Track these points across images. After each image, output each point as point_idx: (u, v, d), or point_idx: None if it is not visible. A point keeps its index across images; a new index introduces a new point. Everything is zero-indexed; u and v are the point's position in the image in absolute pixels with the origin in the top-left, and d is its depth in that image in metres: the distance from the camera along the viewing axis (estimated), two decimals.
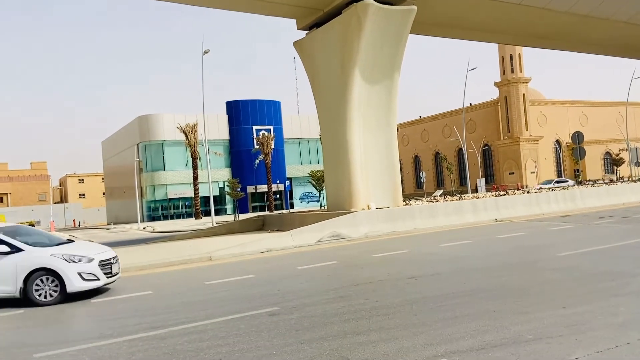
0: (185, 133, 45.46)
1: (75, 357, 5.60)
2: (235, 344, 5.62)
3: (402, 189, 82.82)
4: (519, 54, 67.32)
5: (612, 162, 66.67)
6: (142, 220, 48.27)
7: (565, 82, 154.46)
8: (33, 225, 45.48)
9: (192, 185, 46.31)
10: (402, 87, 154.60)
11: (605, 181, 33.47)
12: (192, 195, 46.81)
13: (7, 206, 79.14)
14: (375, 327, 5.89)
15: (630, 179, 31.57)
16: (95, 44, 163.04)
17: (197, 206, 45.65)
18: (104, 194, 77.60)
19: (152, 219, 50.22)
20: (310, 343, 5.44)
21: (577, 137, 28.72)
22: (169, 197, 50.75)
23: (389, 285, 8.48)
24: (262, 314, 6.94)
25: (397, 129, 64.38)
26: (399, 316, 6.32)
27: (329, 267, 11.10)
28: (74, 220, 72.15)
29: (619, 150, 64.24)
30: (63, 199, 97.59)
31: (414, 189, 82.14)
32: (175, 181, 50.21)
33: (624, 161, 60.89)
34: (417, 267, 10.14)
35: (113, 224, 54.10)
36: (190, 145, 45.66)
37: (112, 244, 23.48)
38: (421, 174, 63.56)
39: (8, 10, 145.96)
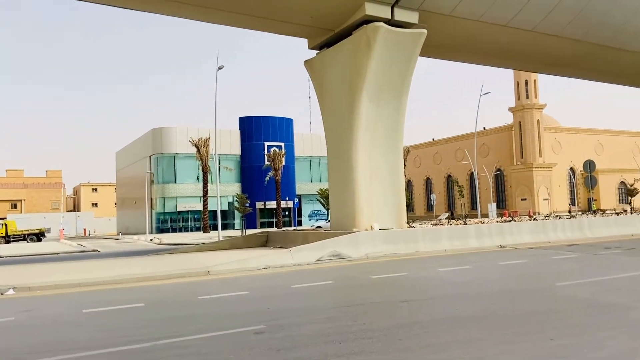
0: (197, 147, 45.90)
1: None
2: None
3: (413, 211, 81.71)
4: (534, 80, 67.16)
5: (626, 193, 65.65)
6: (151, 232, 48.56)
7: (582, 110, 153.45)
8: (43, 233, 45.92)
9: (202, 198, 46.57)
10: (416, 109, 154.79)
11: (617, 211, 32.97)
12: (201, 209, 47.03)
13: (20, 212, 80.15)
14: (357, 350, 5.82)
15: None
16: (110, 54, 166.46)
17: (205, 220, 45.84)
18: (115, 204, 78.37)
19: (161, 230, 50.49)
20: None
21: (589, 165, 28.45)
22: (178, 209, 51.06)
23: (381, 308, 8.40)
24: (248, 331, 6.90)
25: (408, 151, 64.06)
26: (383, 340, 6.24)
27: (324, 286, 11.03)
28: (84, 229, 72.78)
29: (634, 181, 63.33)
30: (76, 207, 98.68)
31: (424, 211, 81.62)
32: (185, 194, 50.57)
33: (638, 192, 60.00)
34: (411, 291, 10.04)
35: (122, 234, 54.47)
36: (202, 159, 46.05)
37: (117, 255, 23.62)
38: (432, 196, 63.25)
39: (23, 19, 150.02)
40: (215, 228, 42.66)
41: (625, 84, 32.66)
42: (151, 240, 36.96)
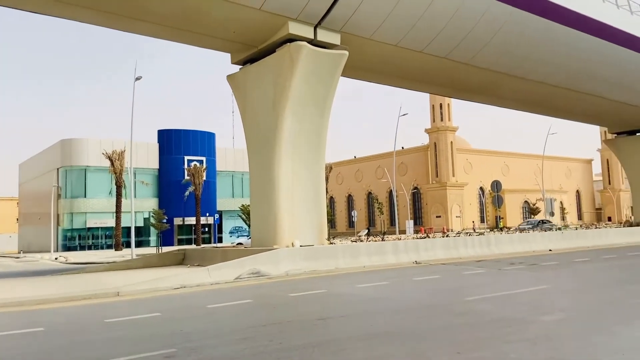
0: (110, 159, 43.69)
1: None
2: None
3: (335, 227, 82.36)
4: (448, 104, 71.02)
5: (529, 211, 70.82)
6: (57, 250, 45.30)
7: (491, 134, 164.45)
8: None
9: (115, 214, 44.25)
10: (340, 127, 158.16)
11: (521, 228, 35.40)
12: (114, 225, 44.66)
13: None
14: None
15: (540, 228, 33.50)
16: (18, 60, 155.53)
17: (117, 237, 43.55)
18: (17, 219, 72.37)
19: (68, 248, 47.23)
20: None
21: (496, 185, 30.35)
22: (88, 226, 48.08)
23: (297, 326, 8.31)
24: (158, 355, 6.54)
25: (331, 168, 64.75)
26: (299, 359, 6.16)
27: (241, 306, 10.77)
28: None
29: (536, 200, 68.48)
30: None
31: (346, 228, 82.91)
32: (96, 209, 47.79)
33: (540, 210, 64.90)
34: (329, 308, 10.06)
35: (23, 252, 50.26)
36: (116, 173, 43.85)
37: (15, 275, 21.69)
38: (353, 212, 64.45)
39: None
40: (128, 245, 40.60)
41: (528, 111, 35.40)
42: (56, 259, 34.38)
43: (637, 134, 39.62)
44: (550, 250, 23.91)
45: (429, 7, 19.85)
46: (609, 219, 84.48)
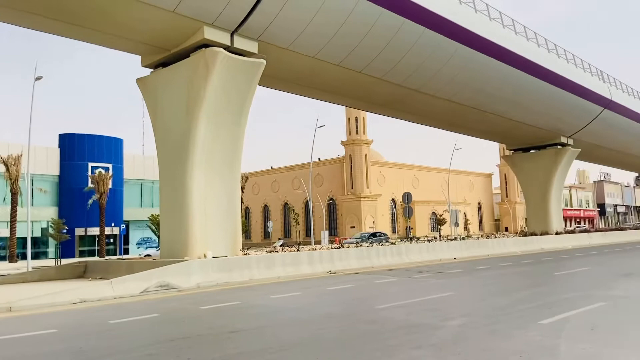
0: (5, 164, 40.07)
1: None
2: None
3: (250, 238, 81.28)
4: (363, 117, 73.13)
5: (437, 222, 74.39)
6: None
7: (402, 147, 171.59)
8: None
9: (9, 224, 40.54)
10: (258, 136, 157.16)
11: (429, 238, 37.05)
12: (8, 236, 40.88)
13: None
14: None
15: (446, 238, 35.25)
16: None
17: (12, 248, 39.90)
18: None
19: None
20: None
21: (407, 197, 31.60)
22: None
23: (208, 340, 7.99)
24: None
25: (247, 178, 63.84)
26: None
27: (147, 320, 10.20)
28: None
29: (443, 212, 72.15)
30: None
31: (261, 238, 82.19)
32: None
33: (446, 221, 68.42)
34: (242, 320, 9.81)
35: None
36: (11, 179, 40.28)
37: None
38: (269, 223, 64.07)
39: None
40: (24, 257, 37.31)
41: (437, 127, 37.32)
42: None
43: (531, 151, 43.19)
44: (455, 258, 25.20)
45: (343, 24, 20.30)
46: (506, 229, 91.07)
